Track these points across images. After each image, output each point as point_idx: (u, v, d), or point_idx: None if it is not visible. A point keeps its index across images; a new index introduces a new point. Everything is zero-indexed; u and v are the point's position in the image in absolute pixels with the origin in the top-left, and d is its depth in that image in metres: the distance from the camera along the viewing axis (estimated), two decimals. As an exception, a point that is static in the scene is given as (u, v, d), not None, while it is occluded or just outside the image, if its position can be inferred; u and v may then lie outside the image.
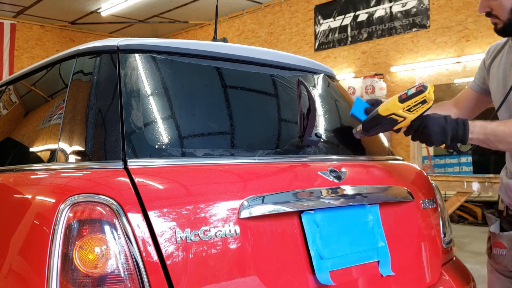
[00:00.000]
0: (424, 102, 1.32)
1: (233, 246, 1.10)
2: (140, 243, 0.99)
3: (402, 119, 1.35)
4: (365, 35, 7.86)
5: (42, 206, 1.08)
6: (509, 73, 1.50)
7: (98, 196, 1.01)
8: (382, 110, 1.38)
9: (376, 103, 1.51)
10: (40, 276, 0.96)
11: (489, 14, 1.48)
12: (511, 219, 1.52)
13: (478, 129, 1.34)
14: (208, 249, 1.06)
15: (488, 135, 1.33)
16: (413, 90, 1.34)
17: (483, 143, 1.35)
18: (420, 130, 1.36)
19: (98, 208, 1.00)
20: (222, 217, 1.10)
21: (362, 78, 7.73)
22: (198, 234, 1.05)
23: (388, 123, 1.38)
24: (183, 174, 1.15)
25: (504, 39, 1.60)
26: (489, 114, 1.56)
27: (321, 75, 1.76)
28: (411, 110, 1.33)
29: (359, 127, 1.49)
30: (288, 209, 1.21)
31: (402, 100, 1.34)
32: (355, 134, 1.51)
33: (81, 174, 1.13)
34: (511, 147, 1.33)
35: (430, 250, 1.54)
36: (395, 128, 1.40)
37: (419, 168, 1.77)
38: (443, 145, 1.37)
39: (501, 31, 1.49)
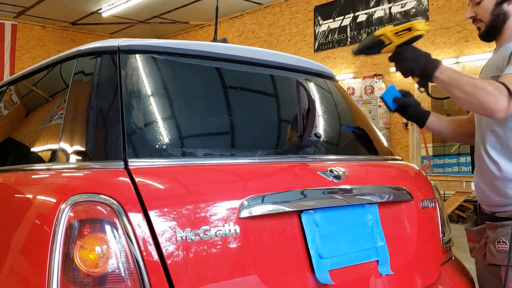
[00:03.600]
0: (409, 29, 1.48)
1: (233, 245, 1.11)
2: (140, 242, 1.00)
3: (389, 42, 1.51)
4: (364, 36, 7.86)
5: (43, 205, 1.09)
6: (485, 76, 1.58)
7: (99, 196, 1.01)
8: (377, 31, 1.54)
9: (408, 94, 1.68)
10: (41, 276, 0.96)
11: (474, 20, 1.60)
12: (483, 216, 1.61)
13: (448, 72, 1.43)
14: (208, 248, 1.07)
15: (453, 79, 1.41)
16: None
17: (445, 86, 1.44)
18: (399, 56, 1.50)
19: (99, 207, 1.00)
20: (222, 217, 1.11)
21: (361, 79, 7.73)
22: (199, 233, 1.06)
23: (377, 44, 1.53)
24: (183, 174, 1.15)
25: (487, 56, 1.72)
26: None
27: (321, 76, 1.77)
28: (398, 34, 1.49)
29: (354, 47, 1.63)
30: (287, 209, 1.21)
31: (394, 25, 1.51)
32: (352, 53, 1.63)
33: (82, 174, 1.13)
34: (463, 97, 1.40)
35: (429, 250, 1.55)
36: (382, 51, 1.54)
37: (418, 168, 1.78)
38: (416, 80, 1.50)
39: (484, 35, 1.59)
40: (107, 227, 0.99)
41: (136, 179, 1.06)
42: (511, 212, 1.48)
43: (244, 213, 1.13)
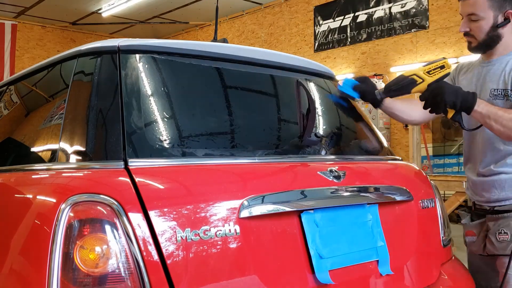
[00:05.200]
0: (442, 67, 1.52)
1: (233, 245, 1.11)
2: (140, 242, 1.00)
3: (421, 80, 1.52)
4: (364, 36, 7.86)
5: (43, 205, 1.09)
6: (481, 86, 1.67)
7: (99, 196, 1.01)
8: (405, 72, 1.56)
9: (365, 79, 1.65)
10: (41, 276, 0.96)
11: (466, 34, 1.67)
12: (479, 212, 1.75)
13: (483, 105, 1.50)
14: (209, 248, 1.07)
15: (490, 112, 1.49)
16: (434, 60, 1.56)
17: (482, 119, 1.51)
18: (436, 91, 1.50)
19: (99, 207, 1.00)
20: (222, 217, 1.11)
21: (361, 79, 7.72)
22: (199, 233, 1.06)
23: (407, 84, 1.54)
24: (183, 174, 1.16)
25: (475, 59, 1.78)
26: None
27: (321, 76, 1.77)
28: (430, 73, 1.52)
29: (382, 88, 1.62)
30: (287, 209, 1.21)
31: (424, 65, 1.54)
32: (377, 95, 1.61)
33: (82, 174, 1.13)
34: (500, 129, 1.50)
35: (429, 250, 1.55)
36: (413, 90, 1.54)
37: (418, 168, 1.78)
38: (451, 114, 1.51)
39: (474, 49, 1.67)
40: (107, 227, 0.99)
41: (136, 179, 1.06)
42: (510, 205, 1.61)
43: (244, 213, 1.13)
